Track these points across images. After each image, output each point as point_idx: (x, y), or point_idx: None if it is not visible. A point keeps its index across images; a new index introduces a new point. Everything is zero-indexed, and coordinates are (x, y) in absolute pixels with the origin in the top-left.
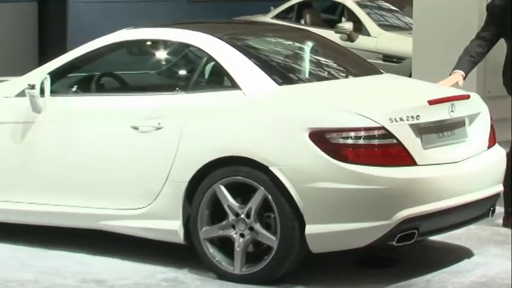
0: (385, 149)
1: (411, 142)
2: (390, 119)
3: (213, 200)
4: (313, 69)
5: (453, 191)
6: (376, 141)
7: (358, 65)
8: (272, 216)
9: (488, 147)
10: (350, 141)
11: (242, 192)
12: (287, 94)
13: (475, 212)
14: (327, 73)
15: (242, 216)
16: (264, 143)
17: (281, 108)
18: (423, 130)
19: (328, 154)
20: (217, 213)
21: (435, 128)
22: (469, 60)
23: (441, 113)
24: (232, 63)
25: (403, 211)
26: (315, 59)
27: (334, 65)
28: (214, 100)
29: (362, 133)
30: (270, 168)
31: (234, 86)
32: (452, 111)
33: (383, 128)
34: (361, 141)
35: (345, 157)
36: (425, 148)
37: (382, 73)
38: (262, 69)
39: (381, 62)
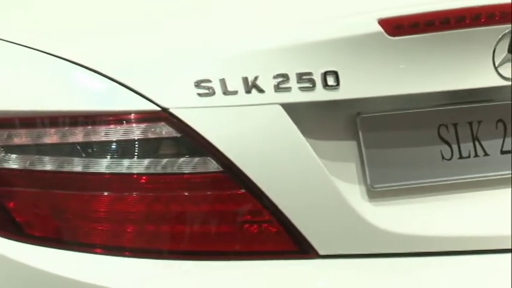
0: (171, 193)
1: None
2: (202, 85)
3: None
4: None
5: None
6: (133, 168)
7: None
8: None
9: None
10: (44, 164)
11: None
12: None
13: None
14: None
15: None
16: None
17: None
18: (366, 126)
19: None
20: None
21: (426, 122)
22: None
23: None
24: None
25: None
26: None
27: None
28: None
29: (94, 132)
30: None
31: None
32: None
33: (167, 116)
34: (88, 166)
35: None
36: (371, 194)
37: None
38: None
39: None
